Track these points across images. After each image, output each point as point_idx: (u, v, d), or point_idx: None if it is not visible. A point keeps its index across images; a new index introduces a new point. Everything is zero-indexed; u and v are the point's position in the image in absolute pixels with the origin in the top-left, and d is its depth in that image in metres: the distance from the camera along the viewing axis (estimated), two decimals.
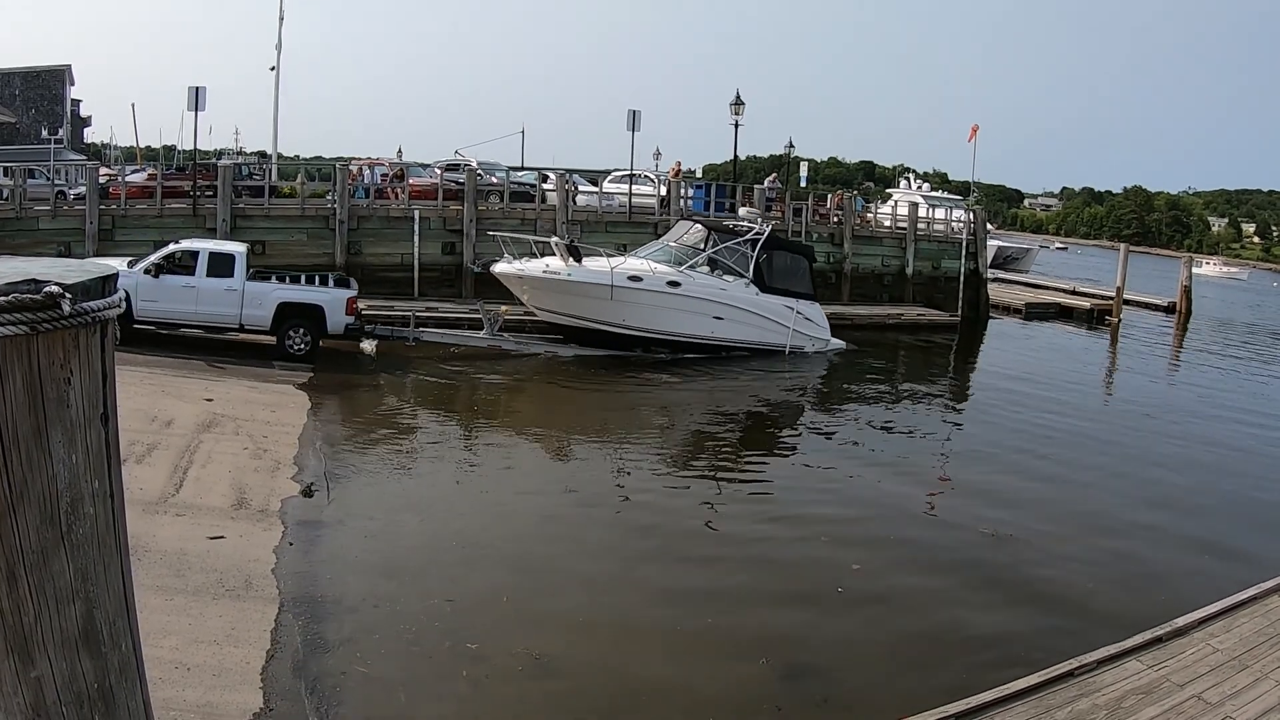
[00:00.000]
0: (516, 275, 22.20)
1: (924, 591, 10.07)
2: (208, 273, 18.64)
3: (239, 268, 18.84)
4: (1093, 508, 13.43)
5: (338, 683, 7.22)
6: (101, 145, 68.65)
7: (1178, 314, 40.79)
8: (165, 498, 10.40)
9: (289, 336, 19.01)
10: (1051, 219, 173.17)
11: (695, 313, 22.66)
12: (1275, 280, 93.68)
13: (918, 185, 60.34)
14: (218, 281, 18.63)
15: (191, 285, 18.53)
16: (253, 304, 18.79)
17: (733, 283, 23.30)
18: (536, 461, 14.58)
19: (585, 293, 21.93)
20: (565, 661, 8.04)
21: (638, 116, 32.75)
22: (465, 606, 8.86)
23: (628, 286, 21.98)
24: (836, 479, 14.42)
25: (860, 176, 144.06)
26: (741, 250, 23.67)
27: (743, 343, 23.24)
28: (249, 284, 18.86)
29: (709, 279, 23.11)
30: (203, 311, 18.70)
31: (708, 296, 22.84)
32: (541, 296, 22.46)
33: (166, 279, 18.49)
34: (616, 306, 21.96)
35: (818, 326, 24.54)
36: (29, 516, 1.79)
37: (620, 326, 22.19)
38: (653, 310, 22.27)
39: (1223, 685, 6.95)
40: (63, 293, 1.78)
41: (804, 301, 24.25)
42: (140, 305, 18.25)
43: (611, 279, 21.76)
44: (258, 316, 18.87)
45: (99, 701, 1.93)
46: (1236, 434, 18.92)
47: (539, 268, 22.10)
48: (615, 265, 22.11)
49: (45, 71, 57.19)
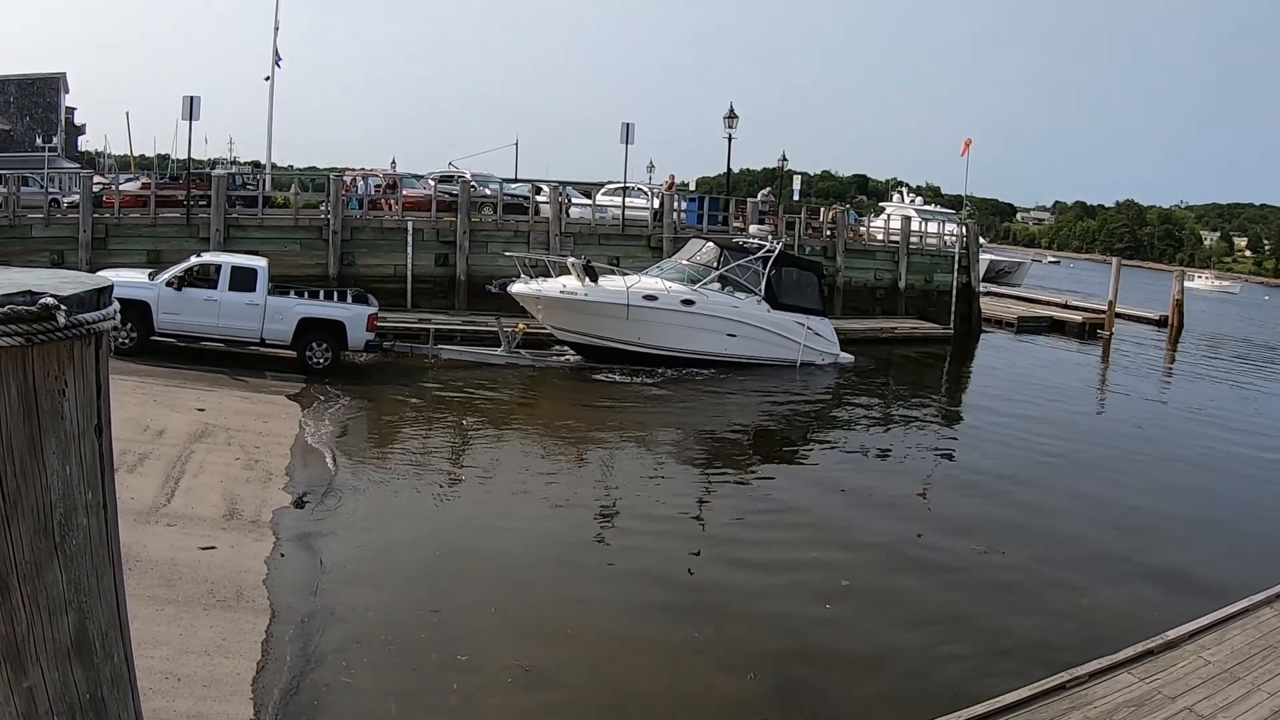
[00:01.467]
0: (534, 295, 22.43)
1: (914, 607, 10.05)
2: (230, 287, 18.70)
3: (261, 282, 18.91)
4: (1074, 531, 13.43)
5: (326, 694, 7.19)
6: (96, 153, 68.71)
7: (1170, 328, 40.90)
8: (157, 507, 10.37)
9: (310, 350, 19.09)
10: (1044, 233, 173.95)
11: (709, 330, 23.04)
12: (1267, 294, 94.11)
13: (911, 199, 60.45)
14: (240, 295, 18.68)
15: (214, 299, 18.57)
16: (274, 319, 18.87)
17: (745, 300, 23.71)
18: (531, 473, 14.54)
19: (602, 312, 22.21)
20: (555, 673, 8.02)
21: (631, 129, 32.82)
22: (454, 617, 8.84)
23: (644, 306, 22.31)
24: (831, 492, 14.41)
25: (854, 190, 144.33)
26: (753, 268, 24.09)
27: (755, 358, 23.58)
28: (270, 299, 18.93)
29: (722, 297, 23.47)
30: (224, 325, 18.76)
31: (721, 314, 23.23)
32: (558, 316, 22.69)
33: (189, 292, 18.53)
34: (633, 325, 22.27)
35: (827, 341, 24.95)
36: (23, 527, 1.79)
37: (636, 345, 22.48)
38: (668, 328, 22.62)
39: (1214, 697, 6.97)
40: (58, 304, 1.79)
41: (814, 317, 24.74)
42: (161, 318, 18.37)
43: (628, 298, 22.07)
44: (279, 331, 18.95)
45: (91, 711, 1.94)
46: (1220, 454, 18.71)
47: (556, 288, 22.32)
48: (631, 285, 22.36)
49: (40, 79, 57.17)
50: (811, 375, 23.95)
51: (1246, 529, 13.88)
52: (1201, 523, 14.06)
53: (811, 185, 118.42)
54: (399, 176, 32.06)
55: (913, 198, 61.19)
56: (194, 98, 26.74)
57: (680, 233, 29.78)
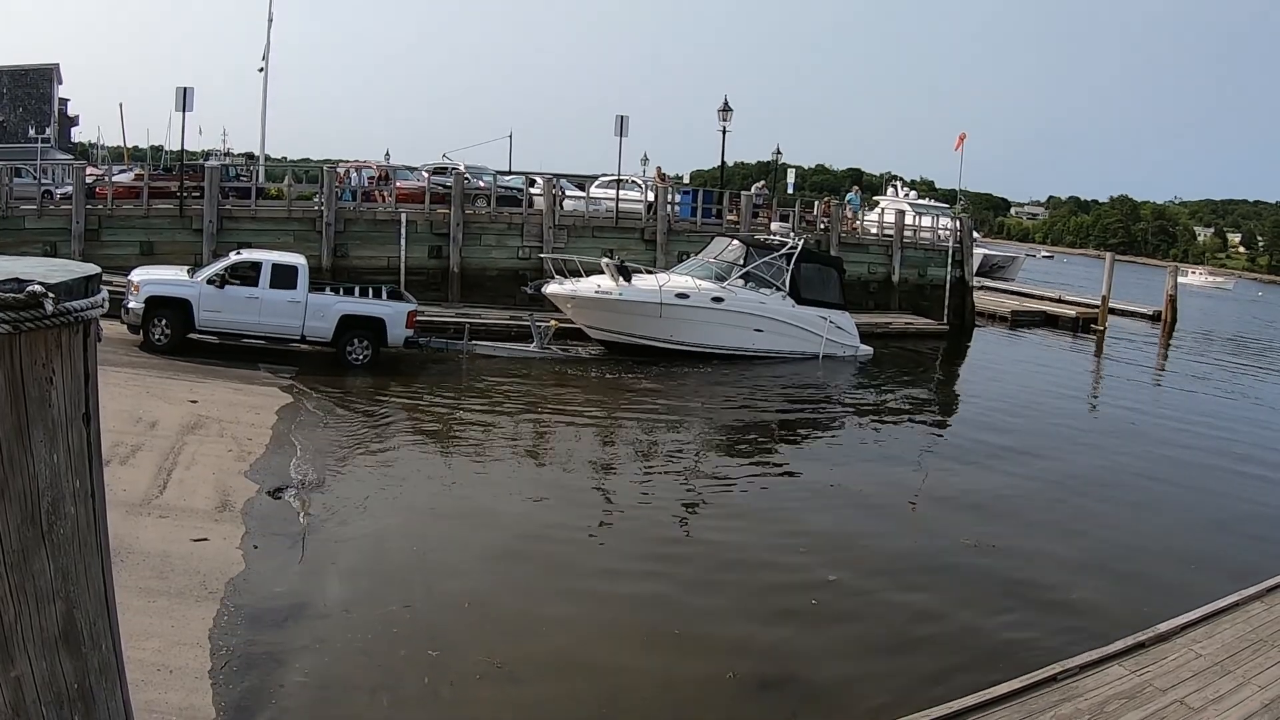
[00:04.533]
0: (569, 296, 22.98)
1: (900, 601, 10.01)
2: (270, 284, 18.79)
3: (302, 279, 19.06)
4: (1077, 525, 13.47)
5: (292, 689, 7.13)
6: (89, 145, 68.32)
7: (1163, 323, 40.95)
8: (149, 499, 10.35)
9: (350, 347, 19.27)
10: (1038, 227, 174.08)
11: (737, 326, 23.78)
12: (1260, 290, 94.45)
13: (905, 193, 60.47)
14: (281, 293, 18.79)
15: (255, 296, 18.66)
16: (315, 316, 19.00)
17: (770, 295, 24.44)
18: (522, 466, 14.54)
19: (636, 311, 22.85)
20: (528, 669, 7.93)
21: (625, 122, 32.72)
22: (430, 612, 8.82)
23: (676, 304, 23.00)
24: (823, 489, 14.38)
25: (848, 183, 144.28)
26: (777, 264, 24.79)
27: (781, 352, 24.37)
28: (311, 296, 19.07)
29: (749, 293, 24.22)
30: (265, 323, 18.84)
31: (749, 310, 23.96)
32: (592, 315, 23.27)
33: (230, 290, 18.64)
34: (665, 323, 22.97)
35: (848, 334, 25.71)
36: (9, 515, 1.78)
37: (668, 342, 23.16)
38: (698, 325, 23.31)
39: (1205, 690, 6.99)
40: (46, 292, 1.78)
41: (836, 311, 25.43)
42: (203, 315, 18.52)
43: (661, 297, 22.72)
44: (320, 328, 19.09)
45: (79, 701, 1.93)
46: (1202, 457, 18.49)
47: (590, 288, 22.88)
48: (664, 284, 23.04)
49: (33, 70, 56.82)
50: (830, 367, 24.61)
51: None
52: (1202, 523, 14.11)
53: (806, 179, 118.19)
54: (392, 168, 32.01)
55: (907, 192, 61.21)
56: (187, 89, 26.62)
57: (674, 225, 29.83)
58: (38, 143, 42.41)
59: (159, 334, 18.28)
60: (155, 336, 18.25)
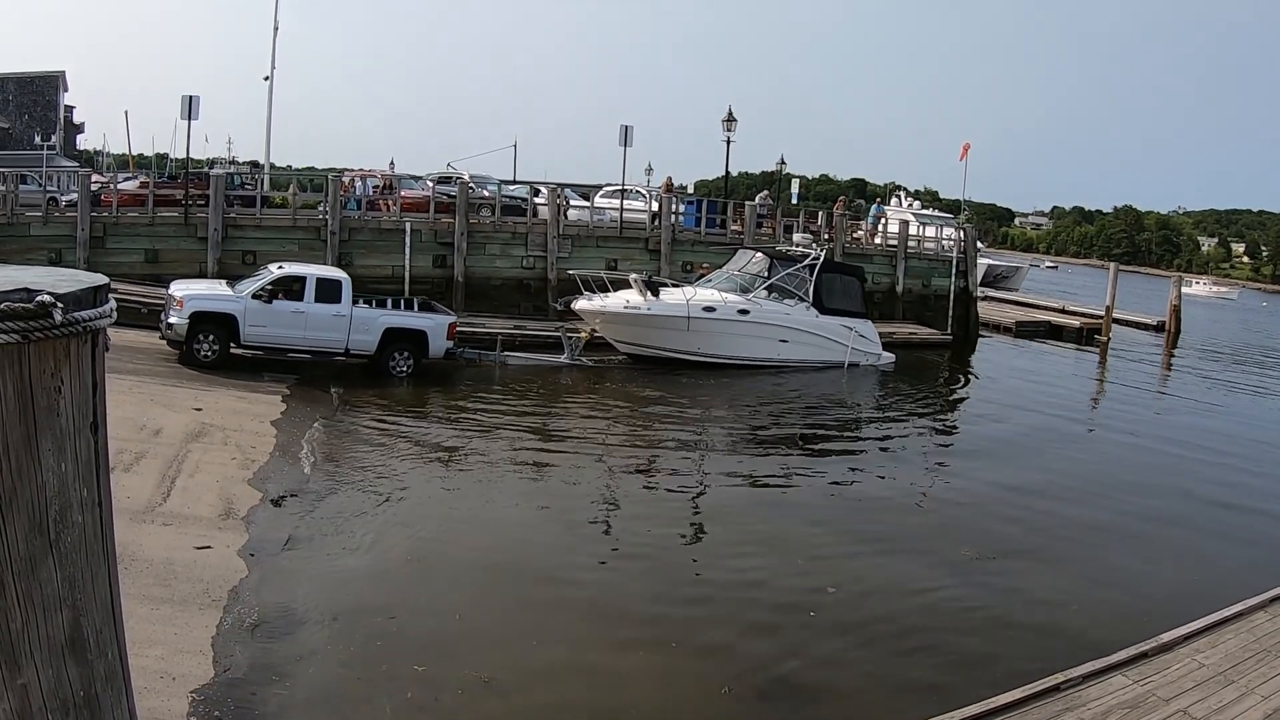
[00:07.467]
0: (597, 311, 23.22)
1: (900, 613, 9.94)
2: (315, 298, 18.86)
3: (346, 294, 19.14)
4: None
5: (293, 699, 7.11)
6: (94, 152, 68.61)
7: (1167, 333, 40.85)
8: (153, 507, 10.35)
9: (393, 360, 19.41)
10: (1042, 238, 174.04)
11: (763, 337, 24.07)
12: (1265, 300, 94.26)
13: (909, 203, 60.54)
14: (326, 307, 18.89)
15: (301, 311, 18.71)
16: (360, 329, 19.14)
17: (794, 306, 24.69)
18: (523, 476, 14.51)
19: (664, 325, 23.15)
20: (517, 683, 7.85)
21: (630, 132, 32.81)
22: (440, 623, 8.81)
23: (703, 317, 23.26)
24: (825, 499, 14.40)
25: (851, 194, 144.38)
26: (800, 275, 25.03)
27: (806, 362, 24.66)
28: (355, 310, 19.18)
29: (774, 305, 24.48)
30: (311, 337, 18.93)
31: (774, 321, 24.26)
32: (621, 330, 23.52)
33: (277, 304, 18.64)
34: (692, 336, 23.25)
35: (871, 343, 26.03)
36: (17, 524, 1.80)
37: (696, 354, 23.39)
38: (725, 338, 23.64)
39: (1208, 700, 6.97)
40: (55, 302, 1.80)
41: (859, 320, 25.73)
42: (248, 330, 18.52)
43: (688, 311, 22.97)
44: (365, 342, 19.23)
45: (85, 709, 1.94)
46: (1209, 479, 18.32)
47: (619, 303, 23.16)
48: (690, 298, 23.29)
49: (39, 77, 57.10)
50: (855, 376, 24.95)
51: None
52: (1200, 525, 14.12)
53: (810, 189, 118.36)
54: (397, 177, 32.05)
55: (911, 201, 61.35)
56: (193, 97, 26.73)
57: (679, 235, 29.84)
58: (43, 150, 42.60)
59: (205, 350, 18.07)
60: (202, 353, 18.08)
